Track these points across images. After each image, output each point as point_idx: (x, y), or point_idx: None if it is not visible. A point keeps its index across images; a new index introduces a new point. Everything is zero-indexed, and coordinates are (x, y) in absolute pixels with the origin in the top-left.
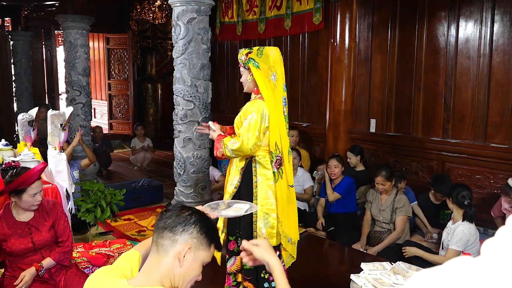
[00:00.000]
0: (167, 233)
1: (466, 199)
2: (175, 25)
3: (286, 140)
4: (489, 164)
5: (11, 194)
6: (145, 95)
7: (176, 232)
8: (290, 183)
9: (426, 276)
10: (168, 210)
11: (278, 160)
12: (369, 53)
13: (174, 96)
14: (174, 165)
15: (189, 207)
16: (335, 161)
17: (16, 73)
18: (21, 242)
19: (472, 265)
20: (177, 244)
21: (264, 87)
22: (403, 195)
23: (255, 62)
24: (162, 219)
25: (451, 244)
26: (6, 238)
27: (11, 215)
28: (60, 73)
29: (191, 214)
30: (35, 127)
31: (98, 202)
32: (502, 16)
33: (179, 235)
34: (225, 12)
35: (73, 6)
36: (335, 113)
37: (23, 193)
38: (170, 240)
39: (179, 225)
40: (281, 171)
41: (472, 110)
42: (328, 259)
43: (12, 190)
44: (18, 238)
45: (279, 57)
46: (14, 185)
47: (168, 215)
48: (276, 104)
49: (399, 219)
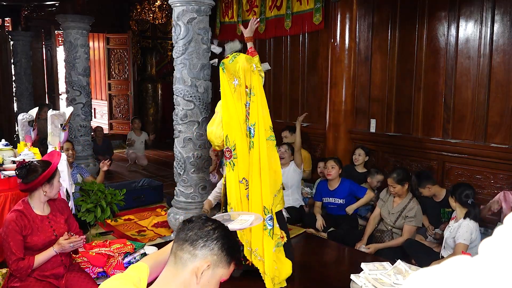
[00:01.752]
0: (187, 246)
1: (469, 198)
2: (175, 25)
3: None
4: (489, 164)
5: (43, 184)
6: (145, 95)
7: (196, 246)
8: (240, 178)
9: (425, 276)
10: (191, 221)
11: (228, 151)
12: (369, 53)
13: (174, 96)
14: (174, 165)
15: (213, 220)
16: (332, 161)
17: (16, 73)
18: (44, 235)
19: (470, 264)
20: (196, 259)
21: (222, 86)
22: (417, 205)
23: (224, 67)
24: (183, 230)
25: (458, 239)
26: (30, 232)
27: (31, 210)
28: (60, 73)
29: (214, 229)
30: (35, 127)
31: (98, 202)
32: (502, 16)
33: (199, 250)
34: (225, 12)
35: (73, 6)
36: (335, 113)
37: (53, 178)
38: (190, 254)
39: (201, 239)
40: (231, 163)
41: (472, 110)
42: (328, 259)
43: (47, 179)
44: (42, 232)
45: (247, 67)
46: (50, 173)
47: (190, 227)
48: (237, 101)
49: (408, 228)
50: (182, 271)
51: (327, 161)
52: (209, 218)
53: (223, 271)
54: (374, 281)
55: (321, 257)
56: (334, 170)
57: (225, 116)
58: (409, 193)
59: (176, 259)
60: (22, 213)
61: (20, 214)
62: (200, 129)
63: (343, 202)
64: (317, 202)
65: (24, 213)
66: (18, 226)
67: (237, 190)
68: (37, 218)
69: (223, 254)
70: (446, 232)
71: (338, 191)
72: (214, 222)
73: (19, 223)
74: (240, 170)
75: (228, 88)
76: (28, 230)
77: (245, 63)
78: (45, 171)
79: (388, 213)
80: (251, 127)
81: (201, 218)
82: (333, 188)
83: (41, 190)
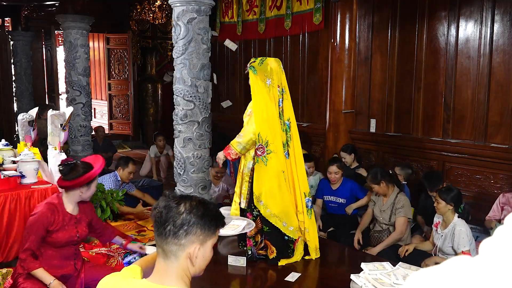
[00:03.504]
0: (171, 239)
1: (462, 202)
2: (175, 25)
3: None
4: (489, 164)
5: (82, 185)
6: (145, 95)
7: (180, 237)
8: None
9: (425, 276)
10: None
11: (260, 148)
12: (369, 53)
13: (174, 96)
14: (174, 165)
15: (184, 199)
16: (335, 168)
17: (16, 73)
18: (68, 233)
19: (470, 264)
20: (185, 248)
21: (255, 87)
22: (404, 196)
23: (254, 69)
24: (160, 225)
25: (459, 248)
26: (58, 228)
27: (63, 206)
28: (60, 73)
29: (189, 212)
30: (35, 127)
31: (98, 202)
32: (502, 16)
33: (184, 239)
34: (225, 12)
35: (73, 6)
36: (335, 113)
37: (92, 182)
38: (177, 246)
39: (181, 229)
40: (264, 159)
41: (472, 110)
42: (328, 259)
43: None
44: (66, 229)
45: (277, 67)
46: (92, 177)
47: (164, 219)
48: (270, 101)
49: (399, 220)
50: (176, 262)
51: (330, 166)
52: (178, 200)
53: (212, 240)
54: (374, 281)
55: (321, 257)
56: (338, 175)
57: (257, 114)
58: (394, 188)
59: (165, 253)
60: (55, 207)
61: (54, 208)
62: (200, 129)
63: (344, 202)
64: (318, 199)
65: (57, 208)
66: (48, 220)
67: (271, 183)
68: (67, 216)
69: (207, 230)
70: (437, 240)
71: (340, 190)
72: (185, 202)
73: (50, 217)
74: (277, 163)
75: (263, 87)
76: (56, 225)
77: (276, 65)
78: (86, 173)
79: (380, 212)
80: (287, 122)
81: (170, 204)
82: (335, 187)
83: (78, 190)
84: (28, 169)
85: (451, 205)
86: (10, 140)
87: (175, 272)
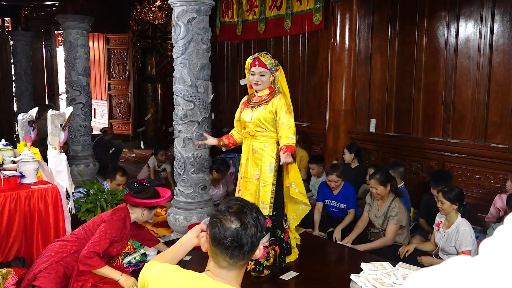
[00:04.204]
0: (239, 261)
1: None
2: (175, 25)
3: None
4: (489, 164)
5: (145, 207)
6: (145, 95)
7: (245, 259)
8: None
9: (425, 276)
10: (233, 241)
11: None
12: (369, 53)
13: (174, 96)
14: (174, 165)
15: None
16: (335, 176)
17: (16, 73)
18: (121, 247)
19: (471, 264)
20: (246, 263)
21: (286, 84)
22: (399, 204)
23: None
24: (235, 249)
25: (461, 247)
26: (119, 240)
27: (129, 221)
28: (60, 73)
29: (256, 229)
30: (35, 127)
31: (98, 202)
32: (502, 16)
33: (248, 258)
34: (225, 12)
35: (73, 6)
36: (335, 113)
37: (155, 209)
38: (243, 262)
39: (248, 255)
40: None
41: (472, 110)
42: (328, 259)
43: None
44: (124, 243)
45: None
46: (155, 203)
47: (239, 244)
48: None
49: (390, 227)
50: (241, 269)
51: (330, 174)
52: (241, 223)
53: None
54: (374, 281)
55: (321, 257)
56: (338, 183)
57: (291, 108)
58: (391, 193)
59: (232, 265)
60: (126, 223)
61: (127, 223)
62: (200, 129)
63: (344, 207)
64: (318, 203)
65: (127, 224)
66: (120, 233)
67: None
68: (128, 230)
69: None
70: (439, 240)
71: (340, 195)
72: (248, 223)
73: (121, 231)
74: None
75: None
76: (120, 239)
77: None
78: (153, 198)
79: (375, 217)
80: None
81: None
82: (335, 192)
83: (141, 211)
84: (28, 169)
85: (455, 205)
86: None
87: (236, 279)
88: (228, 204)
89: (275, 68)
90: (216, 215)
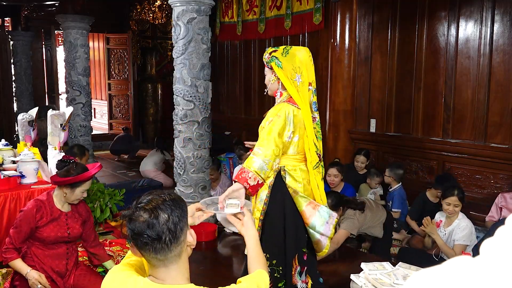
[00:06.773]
0: (173, 245)
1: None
2: (175, 25)
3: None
4: (489, 164)
5: (65, 185)
6: (145, 95)
7: (172, 249)
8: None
9: (425, 276)
10: (148, 235)
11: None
12: (369, 53)
13: (174, 96)
14: (174, 165)
15: (151, 208)
16: (335, 170)
17: (16, 73)
18: (58, 230)
19: (471, 265)
20: (184, 242)
21: (290, 86)
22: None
23: (278, 61)
24: (155, 243)
25: (458, 240)
26: (45, 223)
27: (53, 203)
28: (60, 73)
29: (171, 212)
30: (35, 127)
31: (97, 202)
32: (502, 16)
33: (182, 235)
34: (225, 12)
35: (73, 6)
36: (335, 113)
37: (78, 187)
38: (179, 245)
39: (172, 243)
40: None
41: (472, 110)
42: (328, 259)
43: (70, 183)
44: (56, 226)
45: (307, 58)
46: (76, 180)
47: (157, 237)
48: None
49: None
50: (179, 262)
51: (329, 168)
52: (150, 212)
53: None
54: (374, 281)
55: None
56: (337, 178)
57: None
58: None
59: (166, 262)
60: (43, 203)
61: (41, 204)
62: (200, 129)
63: None
64: None
65: (44, 204)
66: (35, 216)
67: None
68: (56, 212)
69: (185, 210)
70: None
71: None
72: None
73: (35, 214)
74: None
75: (293, 87)
76: (44, 220)
77: (306, 56)
78: (74, 175)
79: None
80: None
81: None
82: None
83: (62, 190)
84: (28, 169)
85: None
86: (10, 140)
87: (180, 274)
88: (137, 200)
89: (270, 64)
90: (125, 214)
